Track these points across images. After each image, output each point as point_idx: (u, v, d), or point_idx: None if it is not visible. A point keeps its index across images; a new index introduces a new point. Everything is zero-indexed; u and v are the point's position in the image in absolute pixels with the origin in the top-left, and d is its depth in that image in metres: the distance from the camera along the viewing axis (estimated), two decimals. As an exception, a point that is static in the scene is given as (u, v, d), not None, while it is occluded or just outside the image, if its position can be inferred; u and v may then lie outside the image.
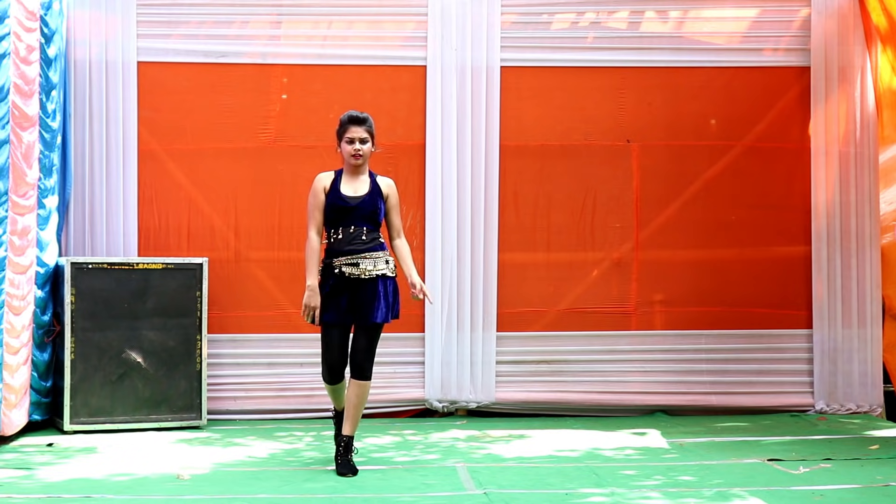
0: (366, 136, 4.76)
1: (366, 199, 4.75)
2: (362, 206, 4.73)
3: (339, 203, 4.75)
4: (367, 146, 4.76)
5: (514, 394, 6.51)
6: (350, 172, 4.80)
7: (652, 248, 6.63)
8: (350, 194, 4.75)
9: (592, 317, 6.56)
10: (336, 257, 4.73)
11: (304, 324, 6.11)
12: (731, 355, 6.62)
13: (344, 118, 4.78)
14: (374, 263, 4.72)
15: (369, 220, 4.78)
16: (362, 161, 4.77)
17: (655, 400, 6.57)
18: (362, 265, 4.69)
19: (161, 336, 6.00)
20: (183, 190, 6.42)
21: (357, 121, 4.76)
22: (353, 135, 4.73)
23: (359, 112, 4.81)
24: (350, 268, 4.69)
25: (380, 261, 4.75)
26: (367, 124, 4.78)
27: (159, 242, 6.37)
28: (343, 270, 4.68)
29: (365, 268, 4.69)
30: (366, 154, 4.75)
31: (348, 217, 4.73)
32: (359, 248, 4.71)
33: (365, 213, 4.75)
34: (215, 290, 6.25)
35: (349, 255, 4.72)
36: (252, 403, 6.37)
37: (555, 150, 6.59)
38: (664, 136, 6.63)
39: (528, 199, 6.58)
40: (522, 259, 6.56)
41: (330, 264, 4.75)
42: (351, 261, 4.71)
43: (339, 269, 4.69)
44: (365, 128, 4.77)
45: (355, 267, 4.68)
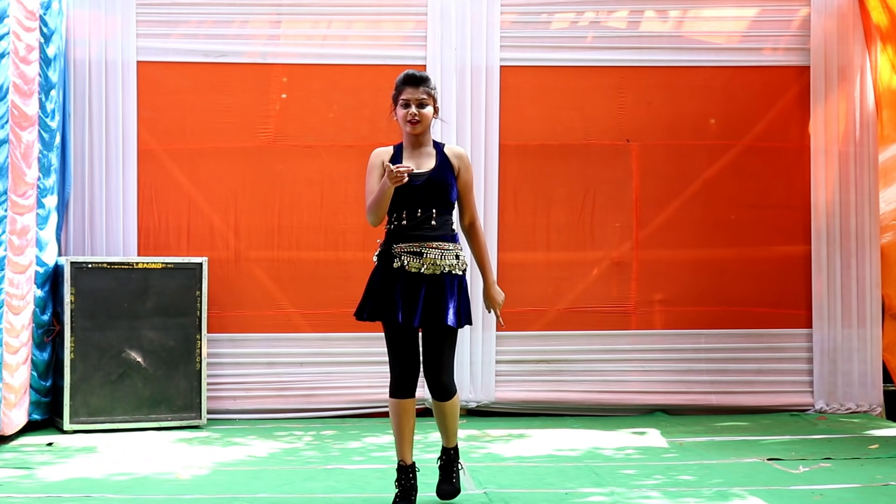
0: (424, 97, 3.99)
1: (433, 175, 3.97)
2: (430, 183, 3.95)
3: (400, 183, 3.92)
4: (428, 110, 3.99)
5: (513, 393, 6.50)
6: (411, 144, 4.04)
7: (651, 248, 6.62)
8: (414, 170, 3.94)
9: (592, 316, 6.55)
10: (397, 243, 3.98)
11: (303, 323, 6.35)
12: (731, 355, 6.61)
13: (399, 79, 4.05)
14: (441, 255, 3.95)
15: (439, 200, 3.99)
16: (421, 128, 3.99)
17: (655, 399, 6.56)
18: (428, 255, 3.93)
19: (161, 335, 5.99)
20: (182, 189, 6.42)
21: (414, 80, 3.99)
22: (409, 96, 3.97)
23: (417, 70, 4.06)
24: (411, 258, 3.93)
25: (449, 254, 3.98)
26: (427, 84, 4.01)
27: (159, 242, 6.36)
28: (403, 261, 3.94)
29: (430, 259, 3.92)
30: (426, 119, 3.98)
31: (413, 198, 3.95)
32: (425, 235, 3.95)
33: (433, 193, 3.96)
34: (215, 289, 6.25)
35: (413, 241, 3.96)
36: (252, 403, 6.37)
37: (554, 150, 6.59)
38: (664, 135, 6.63)
39: (527, 198, 6.58)
40: (522, 258, 6.55)
41: (388, 251, 3.99)
42: (414, 249, 3.95)
43: (398, 259, 3.95)
44: (424, 89, 3.99)
45: (418, 258, 3.92)
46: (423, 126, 4.01)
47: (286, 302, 6.42)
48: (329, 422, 6.23)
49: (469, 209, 4.12)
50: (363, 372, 6.35)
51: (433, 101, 4.02)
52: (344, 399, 6.38)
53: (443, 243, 3.98)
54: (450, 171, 4.04)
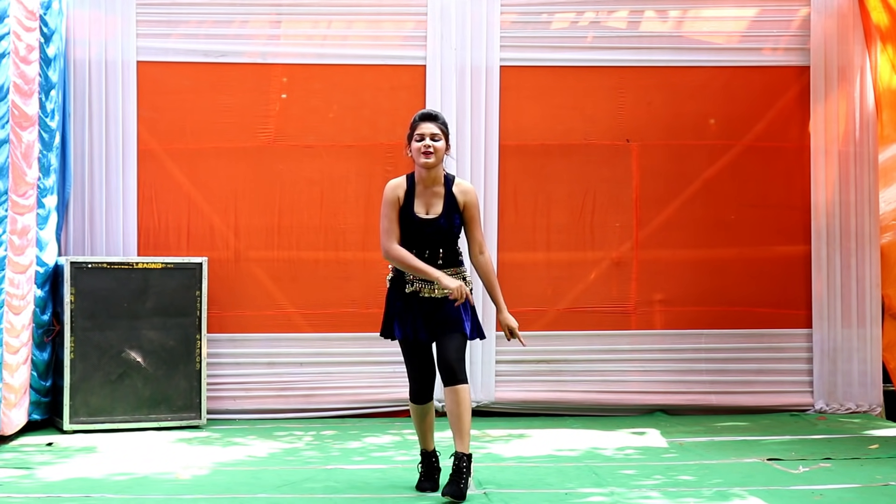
0: (438, 132, 4.25)
1: (441, 221, 4.29)
2: (437, 228, 4.27)
3: (411, 226, 4.30)
4: (441, 143, 4.25)
5: (513, 393, 6.49)
6: (422, 181, 4.29)
7: (651, 248, 6.62)
8: (423, 215, 4.28)
9: (592, 316, 6.55)
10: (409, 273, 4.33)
11: (303, 323, 6.34)
12: (731, 355, 6.61)
13: (416, 116, 4.34)
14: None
15: (446, 242, 4.33)
16: (434, 161, 4.24)
17: (655, 399, 6.56)
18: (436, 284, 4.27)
19: (161, 335, 6.00)
20: (182, 189, 6.41)
21: (430, 116, 4.29)
22: (423, 131, 4.23)
23: (433, 109, 4.47)
24: (424, 285, 4.28)
25: (457, 277, 4.32)
26: (440, 121, 4.31)
27: (159, 242, 6.36)
28: (416, 287, 4.28)
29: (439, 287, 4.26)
30: (439, 152, 4.24)
31: (421, 239, 4.29)
32: (435, 266, 4.28)
33: (441, 236, 4.29)
34: (215, 289, 6.25)
35: None
36: (252, 403, 6.37)
37: (554, 150, 6.58)
38: (664, 135, 6.62)
39: (527, 198, 6.57)
40: (522, 258, 6.54)
41: (401, 278, 4.32)
42: (426, 279, 4.29)
43: (411, 285, 4.28)
44: (438, 124, 4.27)
45: (429, 284, 4.27)
46: (437, 159, 4.22)
47: (286, 302, 6.42)
48: (329, 422, 6.22)
49: (476, 240, 4.37)
50: (363, 372, 6.35)
51: (445, 137, 4.25)
52: (344, 399, 6.38)
53: (449, 269, 4.31)
54: (456, 213, 4.32)
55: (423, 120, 4.27)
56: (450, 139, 4.30)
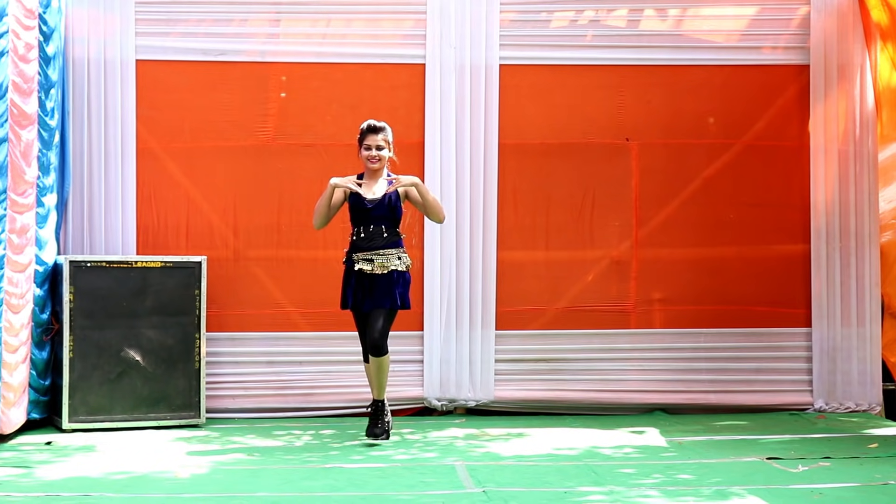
0: (382, 143, 5.40)
1: (384, 202, 5.39)
2: (380, 207, 5.38)
3: (359, 205, 5.41)
4: (384, 152, 5.41)
5: (513, 392, 6.49)
6: (369, 176, 5.44)
7: (651, 247, 6.60)
8: (369, 197, 5.38)
9: (591, 315, 6.53)
10: (356, 252, 5.42)
11: (302, 322, 6.39)
12: (730, 354, 6.58)
13: (363, 127, 5.43)
14: (387, 259, 5.36)
15: (387, 219, 5.42)
16: (379, 166, 5.41)
17: (654, 398, 6.54)
18: (376, 261, 5.35)
19: (160, 334, 5.99)
20: (181, 188, 6.39)
21: (374, 130, 5.41)
22: (371, 142, 5.40)
23: (377, 122, 5.44)
24: (365, 264, 5.36)
25: (392, 257, 5.38)
26: (384, 133, 5.43)
27: (158, 241, 6.33)
28: (360, 267, 5.36)
29: (378, 264, 5.35)
30: (383, 160, 5.41)
31: (368, 218, 5.38)
32: (375, 245, 5.37)
33: (382, 214, 5.39)
34: (214, 288, 6.22)
35: (366, 251, 5.38)
36: (251, 402, 6.35)
37: (554, 149, 6.57)
38: (663, 134, 6.60)
39: (527, 197, 6.57)
40: (521, 257, 6.54)
41: (350, 259, 5.44)
42: (367, 257, 5.37)
43: (357, 264, 5.38)
44: (382, 136, 5.42)
45: (370, 263, 5.35)
46: (381, 165, 5.42)
47: (285, 301, 6.42)
48: (328, 421, 6.21)
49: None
50: (362, 371, 6.19)
51: (388, 145, 5.42)
52: (343, 398, 6.36)
53: (388, 250, 5.37)
54: (396, 197, 5.41)
55: (370, 132, 5.40)
56: (391, 144, 5.41)
